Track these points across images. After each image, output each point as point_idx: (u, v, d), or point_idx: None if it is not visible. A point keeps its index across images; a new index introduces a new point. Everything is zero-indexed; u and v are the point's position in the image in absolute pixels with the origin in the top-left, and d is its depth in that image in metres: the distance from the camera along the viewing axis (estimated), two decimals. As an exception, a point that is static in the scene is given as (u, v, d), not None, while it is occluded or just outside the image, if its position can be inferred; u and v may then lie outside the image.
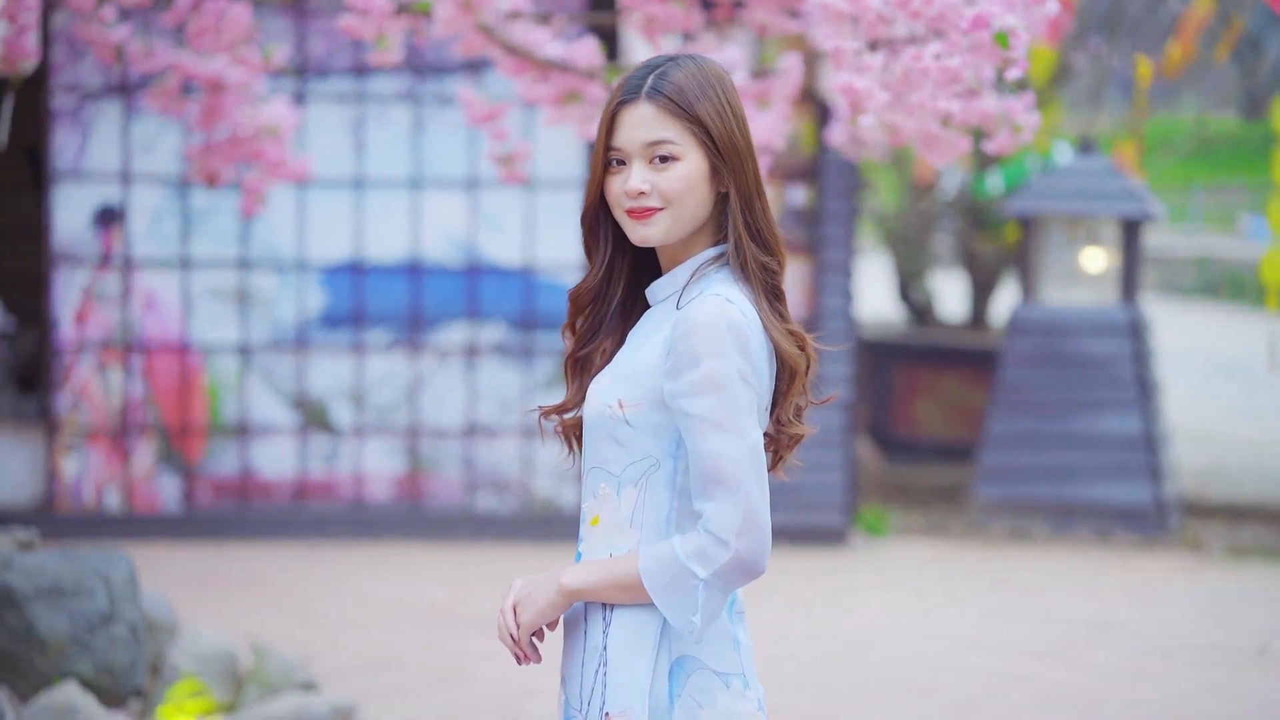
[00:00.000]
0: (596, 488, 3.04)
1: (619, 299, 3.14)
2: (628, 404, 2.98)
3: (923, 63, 4.60)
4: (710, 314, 2.92)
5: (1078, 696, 7.87)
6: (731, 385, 2.90)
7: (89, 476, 11.07)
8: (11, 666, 6.55)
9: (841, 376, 11.53)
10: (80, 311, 11.03)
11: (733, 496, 2.89)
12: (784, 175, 11.57)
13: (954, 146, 5.82)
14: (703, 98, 2.99)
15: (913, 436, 15.27)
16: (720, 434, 2.89)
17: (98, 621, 6.58)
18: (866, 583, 10.61)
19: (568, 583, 2.99)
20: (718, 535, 2.89)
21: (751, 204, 3.02)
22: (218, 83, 7.43)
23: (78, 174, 11.01)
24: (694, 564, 2.89)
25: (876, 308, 21.57)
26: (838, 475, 11.50)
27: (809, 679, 8.06)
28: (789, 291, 11.24)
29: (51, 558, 6.77)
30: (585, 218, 3.11)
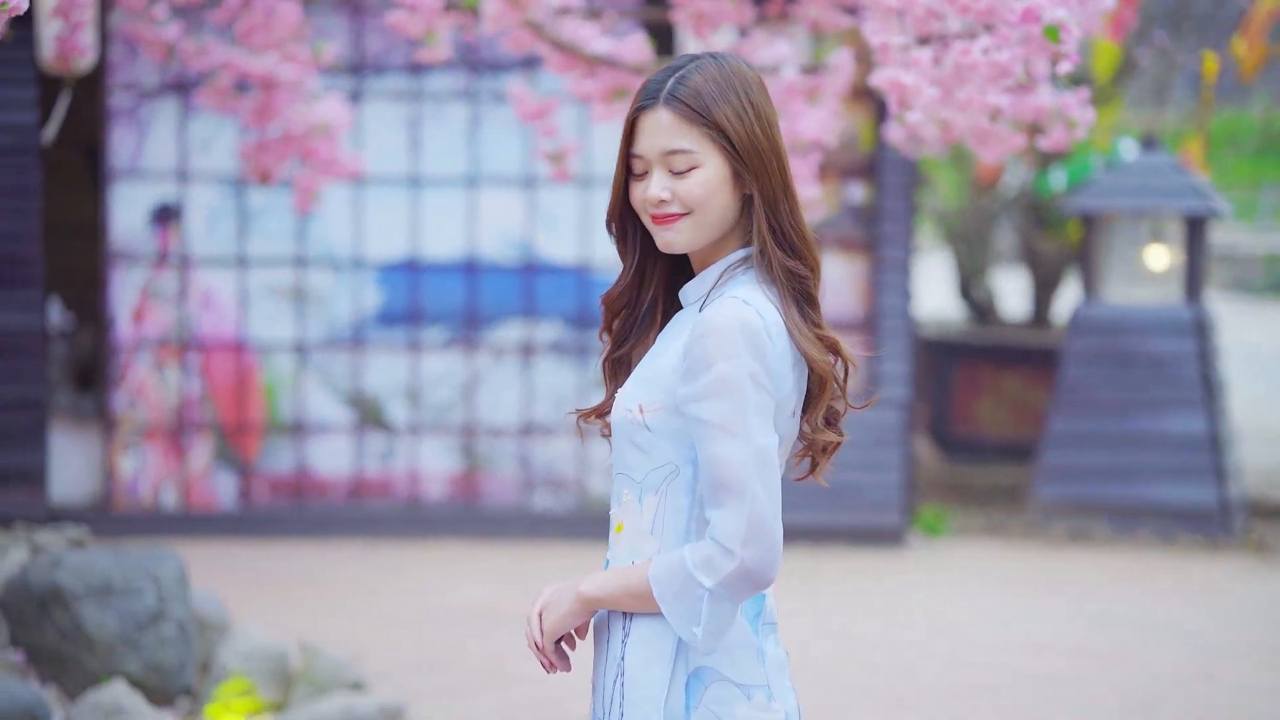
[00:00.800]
0: (620, 494, 2.99)
1: (651, 301, 3.09)
2: (648, 409, 2.92)
3: (971, 57, 4.52)
4: (725, 316, 2.85)
5: (1136, 699, 7.76)
6: (742, 389, 2.83)
7: (146, 474, 11.10)
8: (60, 665, 6.55)
9: (899, 376, 11.44)
10: (138, 310, 11.05)
11: (738, 504, 2.81)
12: (842, 172, 11.49)
13: (1007, 142, 5.75)
14: (721, 101, 2.91)
15: (974, 436, 15.14)
16: (728, 439, 2.82)
17: (146, 620, 6.57)
18: (923, 584, 10.52)
19: (585, 591, 2.94)
20: (723, 544, 2.81)
21: (776, 206, 2.94)
22: (270, 80, 7.43)
23: (135, 172, 11.03)
24: (700, 573, 2.82)
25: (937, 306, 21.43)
26: (895, 475, 11.41)
27: (862, 681, 7.98)
28: (847, 289, 11.27)
29: (101, 556, 6.77)
30: (610, 223, 3.07)
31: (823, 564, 10.87)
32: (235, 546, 10.79)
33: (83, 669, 6.51)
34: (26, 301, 10.78)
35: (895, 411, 11.41)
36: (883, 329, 11.42)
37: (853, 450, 11.36)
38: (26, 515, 10.38)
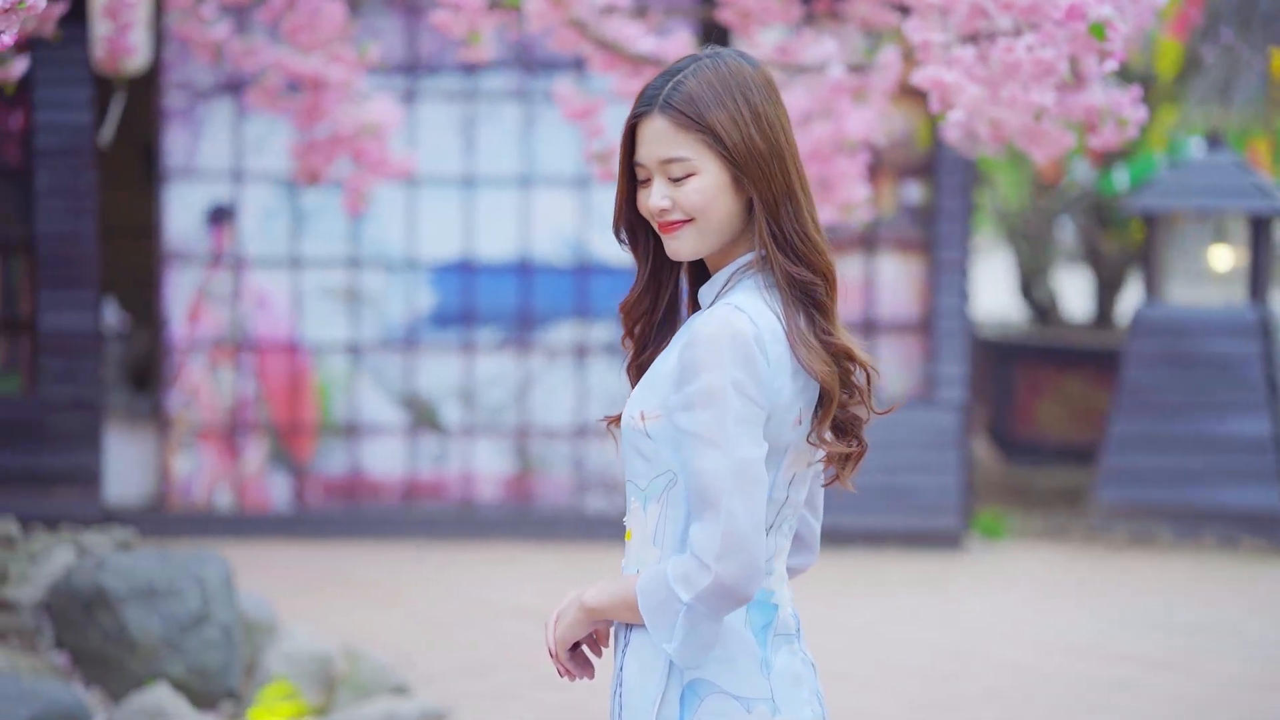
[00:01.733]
0: (629, 502, 2.94)
1: (669, 305, 3.03)
2: (649, 415, 2.86)
3: (1015, 55, 4.43)
4: (714, 324, 2.78)
5: (1195, 706, 7.64)
6: (725, 399, 2.75)
7: (200, 475, 11.10)
8: (104, 667, 6.54)
9: (956, 377, 11.32)
10: (193, 310, 11.06)
11: (715, 517, 2.74)
12: (899, 172, 11.39)
13: (1058, 141, 5.65)
14: (715, 105, 2.83)
15: (1034, 438, 14.99)
16: (709, 450, 2.75)
17: (190, 623, 6.55)
18: (980, 587, 10.40)
19: (586, 600, 2.91)
20: (700, 558, 2.75)
21: (778, 211, 2.85)
22: (318, 80, 7.40)
23: (190, 172, 11.04)
24: (678, 587, 2.76)
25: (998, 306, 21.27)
26: (953, 477, 11.29)
27: (913, 686, 7.88)
28: (904, 290, 11.17)
29: (146, 558, 6.75)
30: (617, 231, 3.02)
31: (879, 567, 10.77)
32: (288, 548, 10.79)
33: (126, 671, 6.50)
34: (81, 302, 10.81)
35: (952, 413, 11.30)
36: (940, 330, 11.31)
37: (909, 452, 11.30)
38: (81, 516, 10.41)
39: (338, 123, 7.55)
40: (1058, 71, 4.46)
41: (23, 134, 10.87)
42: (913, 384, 11.44)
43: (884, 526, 11.26)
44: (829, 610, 9.45)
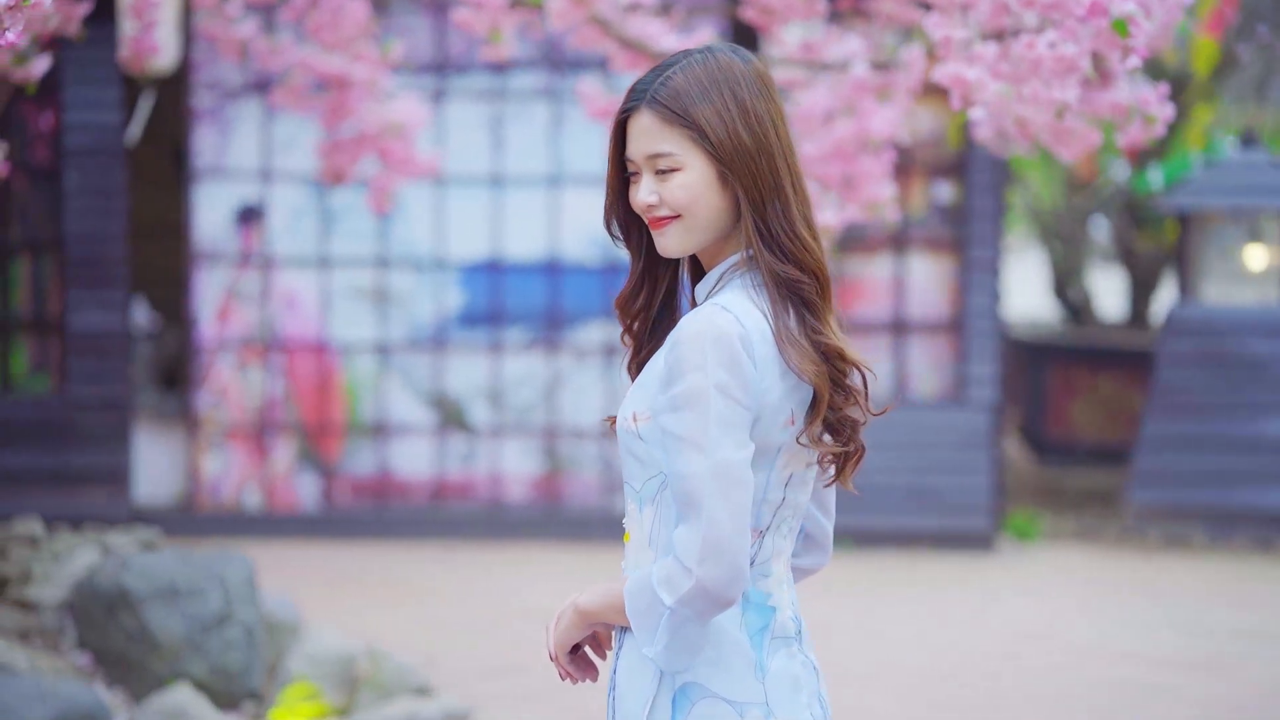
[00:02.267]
0: (627, 504, 2.91)
1: (664, 302, 2.99)
2: (640, 416, 2.82)
3: (1036, 51, 4.37)
4: (698, 325, 2.74)
5: (1228, 710, 7.56)
6: (706, 401, 2.71)
7: (229, 475, 11.10)
8: (127, 667, 6.53)
9: (987, 377, 11.25)
10: (222, 310, 11.06)
11: (696, 520, 2.70)
12: (929, 171, 11.32)
13: (1085, 139, 5.59)
14: (702, 100, 2.80)
15: (1068, 438, 14.90)
16: (691, 453, 2.71)
17: (212, 623, 6.53)
18: (1011, 589, 10.33)
19: (580, 603, 2.88)
20: (682, 561, 2.71)
21: (764, 209, 2.81)
22: (343, 79, 7.38)
23: (219, 172, 11.04)
24: (662, 590, 2.73)
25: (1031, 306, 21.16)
26: (983, 478, 11.22)
27: (943, 688, 7.82)
28: (934, 290, 11.10)
29: (168, 558, 6.74)
30: (607, 224, 2.97)
31: (910, 569, 10.71)
32: (316, 548, 10.78)
33: (148, 672, 6.48)
34: (110, 302, 10.81)
35: (983, 414, 11.23)
36: (971, 330, 11.24)
37: (940, 453, 11.24)
38: (110, 516, 10.41)
39: (363, 122, 7.53)
40: (1080, 68, 4.41)
41: (52, 134, 10.87)
42: (943, 384, 11.37)
43: (914, 527, 11.20)
44: (858, 612, 9.40)
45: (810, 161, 5.96)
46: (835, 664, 8.20)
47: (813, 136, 5.90)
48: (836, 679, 7.92)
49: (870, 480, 11.19)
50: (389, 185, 7.72)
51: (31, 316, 10.97)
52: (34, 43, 6.02)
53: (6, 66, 5.84)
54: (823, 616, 9.20)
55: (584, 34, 6.17)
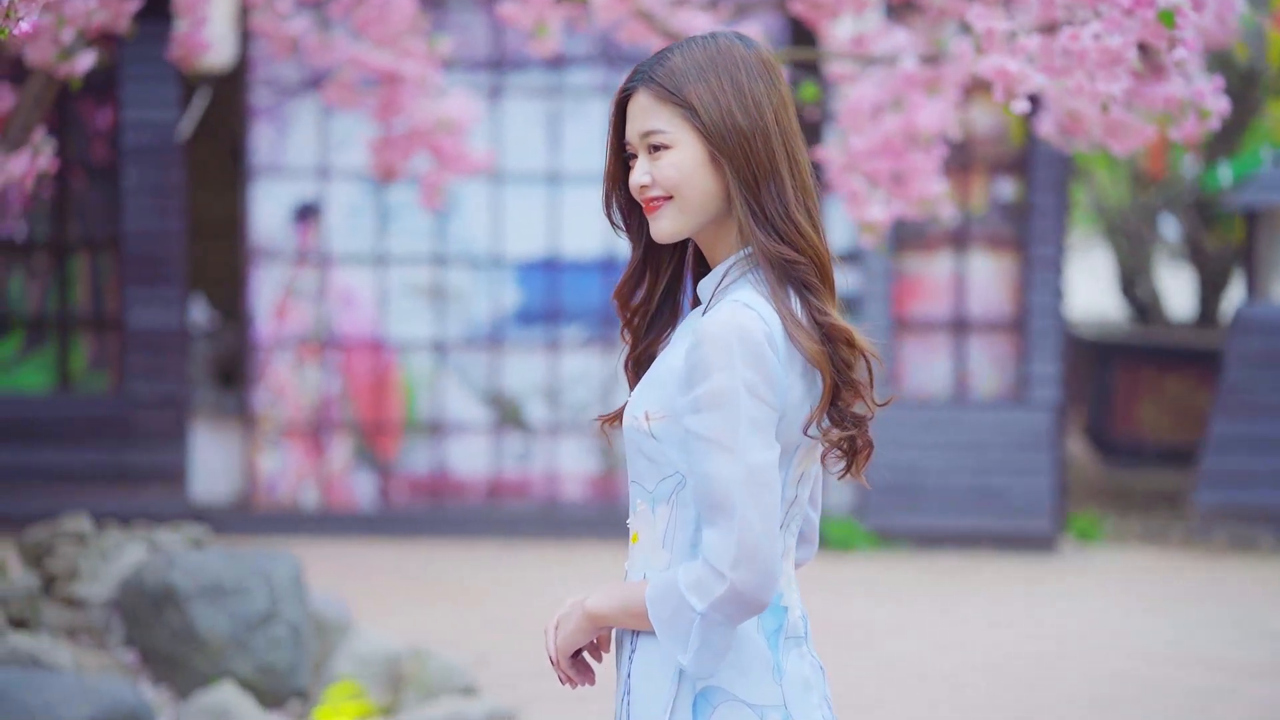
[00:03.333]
0: (635, 504, 2.85)
1: (665, 295, 2.93)
2: (653, 415, 2.77)
3: (1081, 43, 4.27)
4: (721, 323, 2.68)
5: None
6: (736, 401, 2.66)
7: (286, 473, 11.10)
8: (172, 665, 6.51)
9: (1049, 377, 11.12)
10: (279, 307, 11.06)
11: (728, 524, 2.65)
12: (991, 167, 11.20)
13: (1138, 134, 5.49)
14: (697, 79, 2.77)
15: (1135, 439, 14.72)
16: (720, 454, 2.66)
17: (257, 621, 6.50)
18: (1072, 591, 10.19)
19: (590, 607, 2.82)
20: (714, 566, 2.66)
21: (758, 190, 2.76)
22: (394, 76, 7.34)
23: (276, 169, 11.04)
24: (692, 595, 2.67)
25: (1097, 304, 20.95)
26: (1046, 479, 11.09)
27: (999, 691, 7.71)
28: (995, 288, 10.97)
29: (215, 556, 6.72)
30: (606, 210, 2.93)
31: (970, 570, 10.60)
32: (373, 547, 10.76)
33: (193, 670, 6.46)
34: (168, 299, 10.83)
35: (1045, 414, 11.09)
36: (1032, 329, 11.11)
37: (1001, 453, 11.11)
38: (168, 514, 10.42)
39: (414, 118, 7.49)
40: (1125, 60, 4.30)
41: (111, 132, 10.90)
42: (1004, 384, 11.25)
43: (975, 528, 11.08)
44: (914, 614, 9.30)
45: (858, 157, 5.87)
46: (888, 666, 8.11)
47: (860, 131, 5.81)
48: (887, 681, 7.84)
49: (930, 481, 11.14)
50: (440, 182, 7.68)
51: (90, 314, 11.00)
52: (79, 38, 5.99)
53: (51, 62, 5.81)
54: (878, 618, 9.11)
55: (631, 29, 6.11)
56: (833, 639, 8.34)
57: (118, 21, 6.39)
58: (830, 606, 9.31)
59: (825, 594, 9.66)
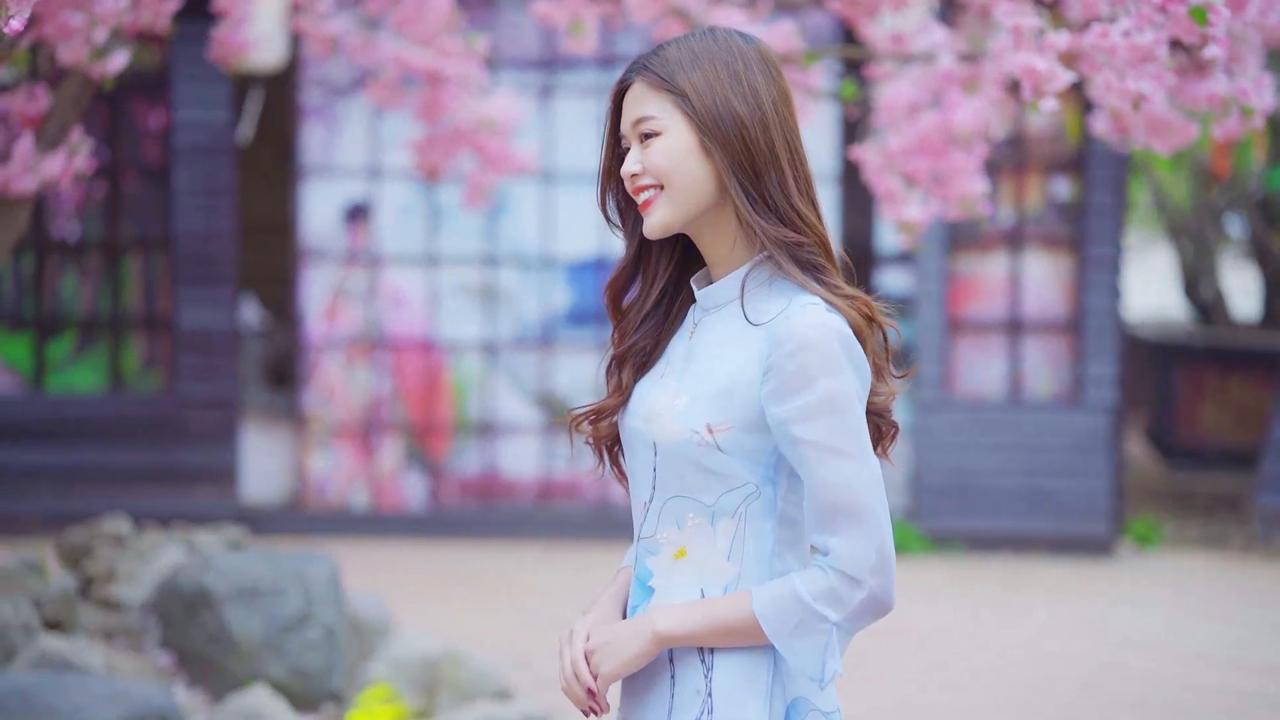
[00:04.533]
0: (683, 518, 2.74)
1: (660, 295, 2.88)
2: (718, 428, 2.69)
3: (1110, 40, 4.17)
4: (817, 327, 2.65)
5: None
6: (850, 405, 2.64)
7: (336, 474, 11.08)
8: (207, 667, 6.49)
9: (1106, 378, 10.97)
10: (329, 308, 11.04)
11: (862, 529, 2.63)
12: (1047, 167, 11.07)
13: (1181, 133, 5.38)
14: (691, 68, 2.74)
15: (1197, 441, 14.53)
16: (843, 461, 2.63)
17: (291, 623, 6.47)
18: (1128, 596, 10.05)
19: (664, 629, 2.71)
20: (850, 574, 2.63)
21: (758, 180, 2.72)
22: (436, 75, 7.30)
23: (327, 169, 11.02)
24: (824, 606, 2.63)
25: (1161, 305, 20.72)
26: (1102, 482, 10.94)
27: (1049, 696, 7.60)
28: (1051, 289, 10.83)
29: (251, 558, 6.69)
30: (602, 204, 2.89)
31: (1022, 573, 10.47)
32: (422, 548, 10.73)
33: (227, 672, 6.44)
34: (219, 300, 10.84)
35: (1102, 416, 10.95)
36: (1089, 330, 10.97)
37: (1056, 456, 10.97)
38: (219, 515, 10.44)
39: (457, 118, 7.45)
40: (1156, 58, 4.19)
41: (162, 132, 10.92)
42: (1060, 385, 11.11)
43: (1030, 532, 10.95)
44: (966, 617, 9.19)
45: (895, 156, 5.78)
46: (938, 669, 8.01)
47: (897, 129, 5.72)
48: (937, 685, 7.73)
49: (984, 483, 11.02)
50: (484, 182, 7.63)
51: (142, 314, 11.01)
52: (113, 38, 5.97)
53: (83, 62, 5.79)
54: (929, 622, 9.00)
55: (667, 26, 6.04)
56: (884, 642, 8.25)
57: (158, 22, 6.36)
58: (879, 611, 9.21)
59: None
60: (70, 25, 5.65)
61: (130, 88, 10.82)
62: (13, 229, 5.92)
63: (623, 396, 2.86)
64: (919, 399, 10.99)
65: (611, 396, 2.88)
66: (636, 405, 2.81)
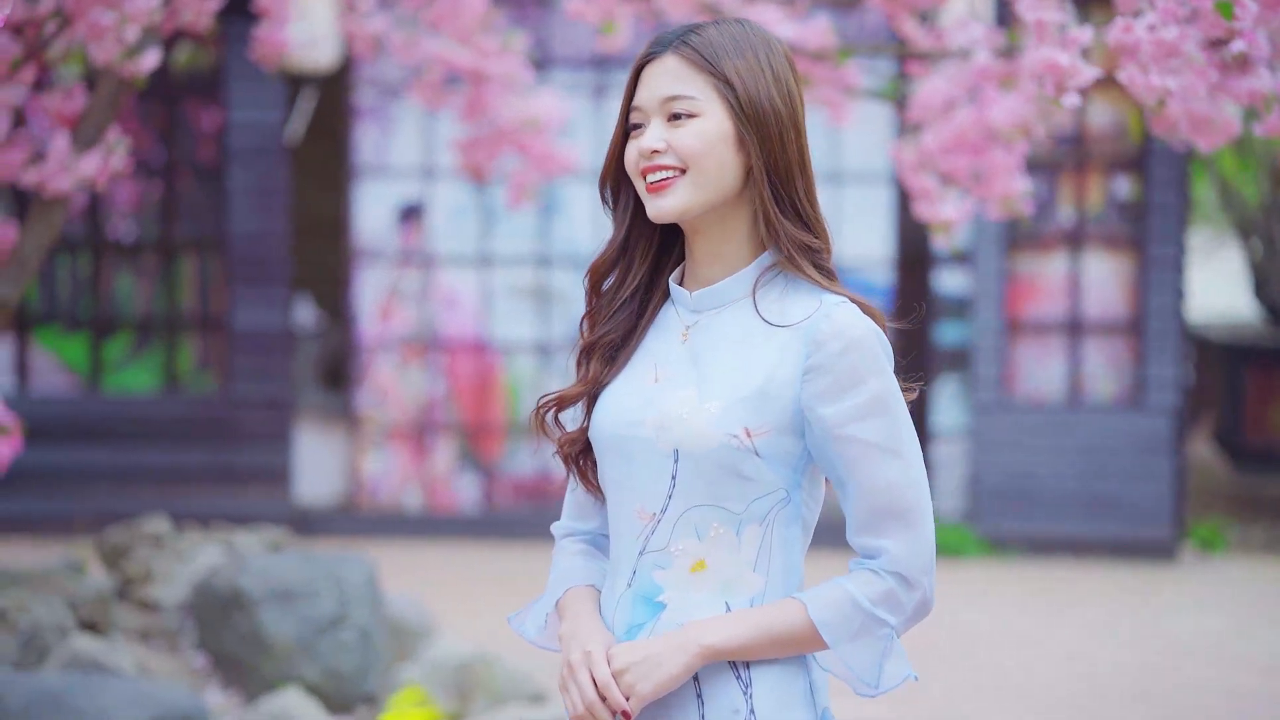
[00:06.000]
0: (705, 528, 2.62)
1: (639, 287, 2.76)
2: (756, 432, 2.59)
3: (1134, 35, 4.06)
4: (861, 327, 2.59)
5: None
6: (898, 405, 2.60)
7: (389, 476, 11.06)
8: (240, 669, 6.47)
9: (1169, 380, 10.80)
10: (383, 309, 11.02)
11: (915, 531, 2.58)
12: (1108, 165, 10.91)
13: (1224, 129, 5.26)
14: (735, 55, 2.61)
15: (1266, 444, 14.31)
16: (896, 461, 2.58)
17: (325, 626, 6.44)
18: (1189, 601, 9.88)
19: (713, 642, 2.58)
20: (906, 576, 2.58)
21: (788, 180, 2.62)
22: (479, 74, 7.25)
23: (380, 169, 11.01)
24: (883, 611, 2.57)
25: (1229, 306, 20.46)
26: (1165, 485, 10.77)
27: (1102, 704, 7.47)
28: (1112, 289, 10.68)
29: (286, 560, 6.67)
30: (603, 184, 2.75)
31: (1081, 578, 10.32)
32: (475, 549, 10.69)
33: (261, 674, 6.41)
34: (273, 300, 10.84)
35: (1164, 418, 10.78)
36: (1151, 331, 10.81)
37: (1117, 459, 10.81)
38: (272, 516, 10.43)
39: (500, 118, 7.40)
40: (1182, 53, 4.08)
41: (217, 133, 10.93)
42: (1122, 387, 10.95)
43: (1090, 535, 10.80)
44: (1021, 622, 9.06)
45: (932, 154, 5.68)
46: (983, 675, 7.88)
47: (932, 127, 5.61)
48: (980, 691, 7.61)
49: (1043, 486, 10.87)
50: (528, 182, 7.58)
51: (197, 315, 11.03)
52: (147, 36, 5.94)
53: (115, 61, 5.76)
54: (982, 626, 8.88)
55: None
56: (930, 647, 8.14)
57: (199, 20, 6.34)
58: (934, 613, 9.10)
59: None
60: (101, 24, 5.61)
61: (185, 88, 10.84)
62: (49, 228, 5.90)
63: (589, 386, 2.75)
64: (977, 401, 10.86)
65: (578, 385, 2.77)
66: (631, 414, 2.68)
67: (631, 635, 2.65)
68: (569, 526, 2.90)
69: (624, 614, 2.67)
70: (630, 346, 2.75)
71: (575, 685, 2.62)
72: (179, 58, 10.77)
